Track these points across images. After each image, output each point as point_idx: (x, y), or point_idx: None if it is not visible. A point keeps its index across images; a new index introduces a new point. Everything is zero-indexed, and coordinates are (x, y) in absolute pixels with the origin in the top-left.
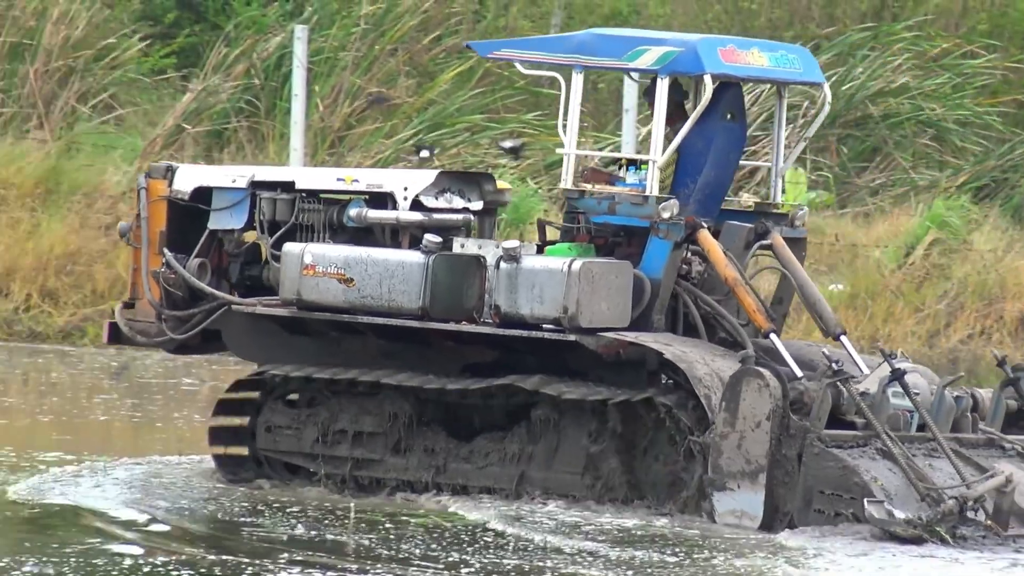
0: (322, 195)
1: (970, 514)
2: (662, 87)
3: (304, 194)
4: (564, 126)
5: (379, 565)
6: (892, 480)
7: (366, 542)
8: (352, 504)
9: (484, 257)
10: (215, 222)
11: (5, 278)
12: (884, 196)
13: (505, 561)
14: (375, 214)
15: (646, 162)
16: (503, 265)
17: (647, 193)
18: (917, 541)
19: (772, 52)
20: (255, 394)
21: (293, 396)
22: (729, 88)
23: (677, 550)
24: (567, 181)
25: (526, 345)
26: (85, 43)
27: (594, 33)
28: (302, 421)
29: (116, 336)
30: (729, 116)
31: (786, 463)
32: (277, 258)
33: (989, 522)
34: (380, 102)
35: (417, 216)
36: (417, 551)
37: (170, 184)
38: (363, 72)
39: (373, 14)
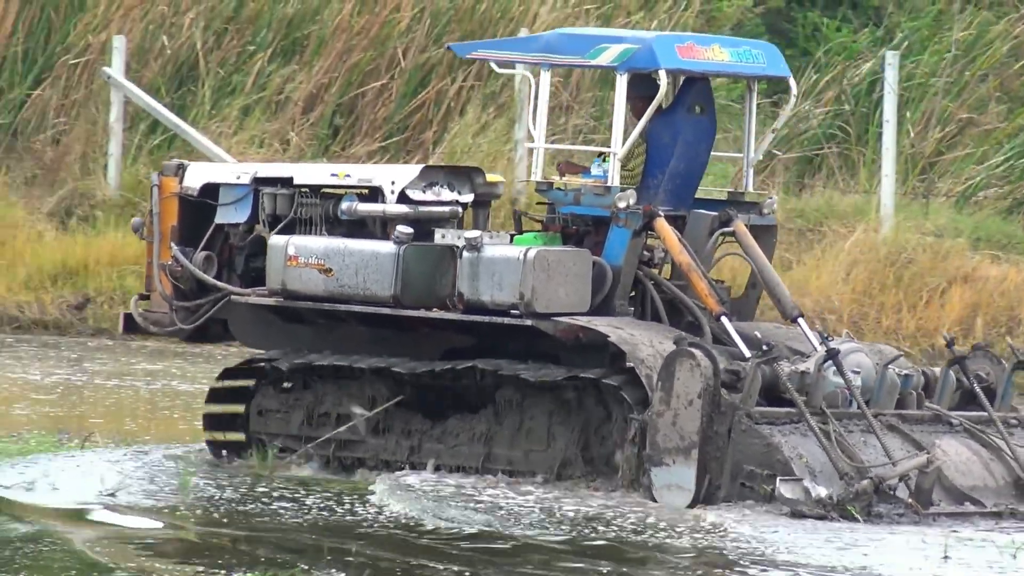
0: (321, 190)
1: (896, 492)
2: (621, 83)
3: (302, 189)
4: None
5: None
6: (819, 457)
7: None
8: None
9: (456, 247)
10: (221, 216)
11: None
12: None
13: None
14: (364, 207)
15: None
16: (465, 254)
17: (608, 184)
18: (822, 518)
19: (734, 48)
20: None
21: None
22: (696, 83)
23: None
24: (537, 174)
25: (496, 331)
26: None
27: (560, 33)
28: (290, 404)
29: (131, 326)
30: (698, 110)
31: (717, 439)
32: None
33: (910, 500)
34: None
35: (403, 209)
36: None
37: (181, 181)
38: (954, 98)
39: (964, 40)
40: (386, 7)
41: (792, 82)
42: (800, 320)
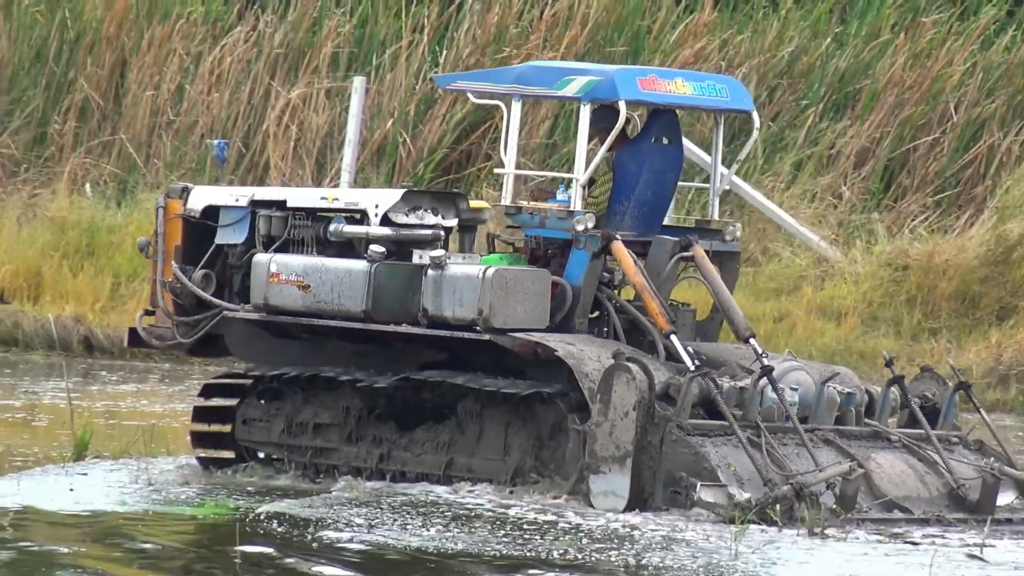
0: (314, 212)
1: (823, 498)
2: (584, 112)
3: (296, 212)
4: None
5: None
6: (749, 467)
7: None
8: None
9: (426, 266)
10: (221, 237)
11: None
12: None
13: None
14: (349, 229)
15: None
16: (430, 272)
17: (571, 208)
18: (732, 522)
19: (698, 82)
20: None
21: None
22: (662, 115)
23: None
24: (506, 199)
25: (465, 345)
26: None
27: (531, 65)
28: (271, 414)
29: (135, 340)
30: (665, 141)
31: (651, 449)
32: None
33: (835, 506)
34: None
35: (385, 231)
36: None
37: (185, 203)
38: None
39: None
40: (938, 61)
41: (755, 116)
42: (751, 340)
